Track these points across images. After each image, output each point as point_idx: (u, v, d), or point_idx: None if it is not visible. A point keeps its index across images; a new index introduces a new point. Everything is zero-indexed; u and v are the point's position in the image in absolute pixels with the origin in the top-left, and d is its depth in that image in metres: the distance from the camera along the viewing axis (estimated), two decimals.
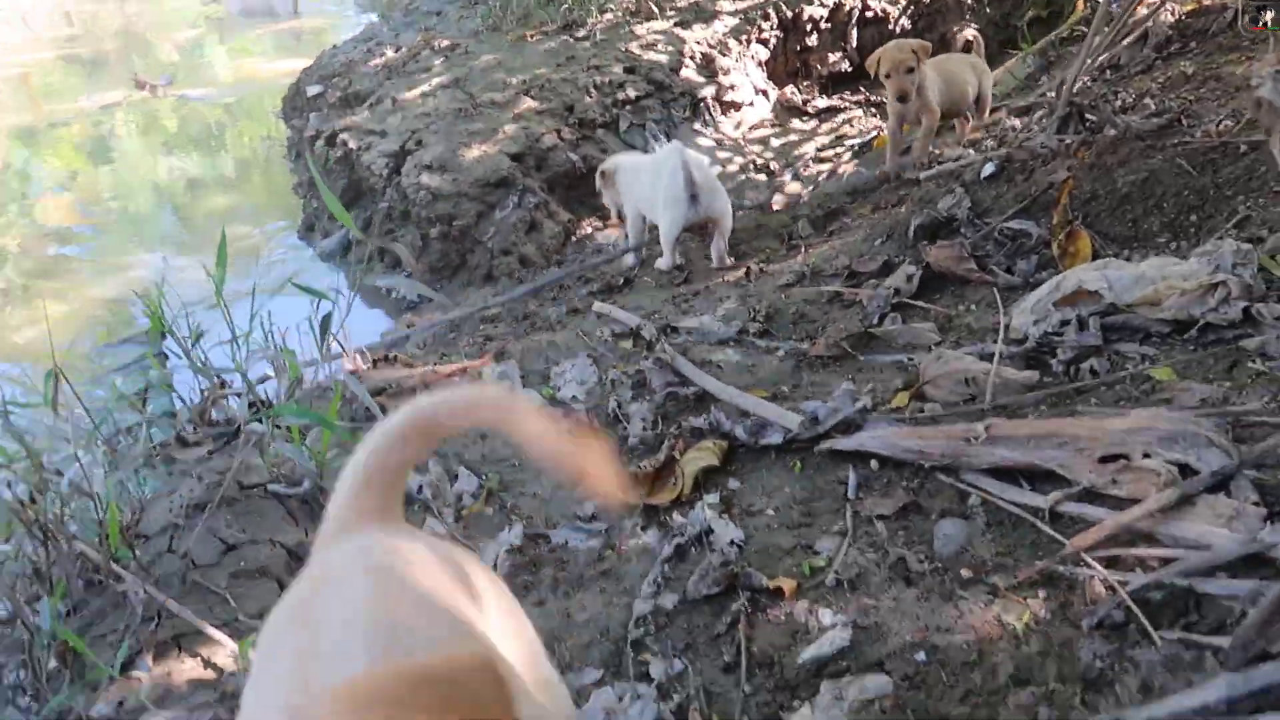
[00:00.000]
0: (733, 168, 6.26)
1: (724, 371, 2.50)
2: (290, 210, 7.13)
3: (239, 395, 2.42)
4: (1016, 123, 3.82)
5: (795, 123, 6.65)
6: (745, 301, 3.01)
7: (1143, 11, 4.09)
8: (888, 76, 4.04)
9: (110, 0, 14.91)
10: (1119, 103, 3.34)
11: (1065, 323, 2.12)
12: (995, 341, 2.18)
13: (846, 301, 2.75)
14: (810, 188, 5.87)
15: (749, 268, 3.36)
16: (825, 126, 6.56)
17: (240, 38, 13.35)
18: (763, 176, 6.17)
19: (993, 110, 4.70)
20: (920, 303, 2.58)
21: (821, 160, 6.21)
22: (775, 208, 5.75)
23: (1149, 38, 3.72)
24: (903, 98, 4.04)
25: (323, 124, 6.98)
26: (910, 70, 3.93)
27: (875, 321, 2.53)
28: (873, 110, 6.62)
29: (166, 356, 3.03)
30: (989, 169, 2.92)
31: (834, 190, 4.29)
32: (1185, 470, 1.53)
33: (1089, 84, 3.66)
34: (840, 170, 6.02)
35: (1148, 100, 3.21)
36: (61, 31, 13.85)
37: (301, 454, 1.99)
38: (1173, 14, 3.72)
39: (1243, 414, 1.61)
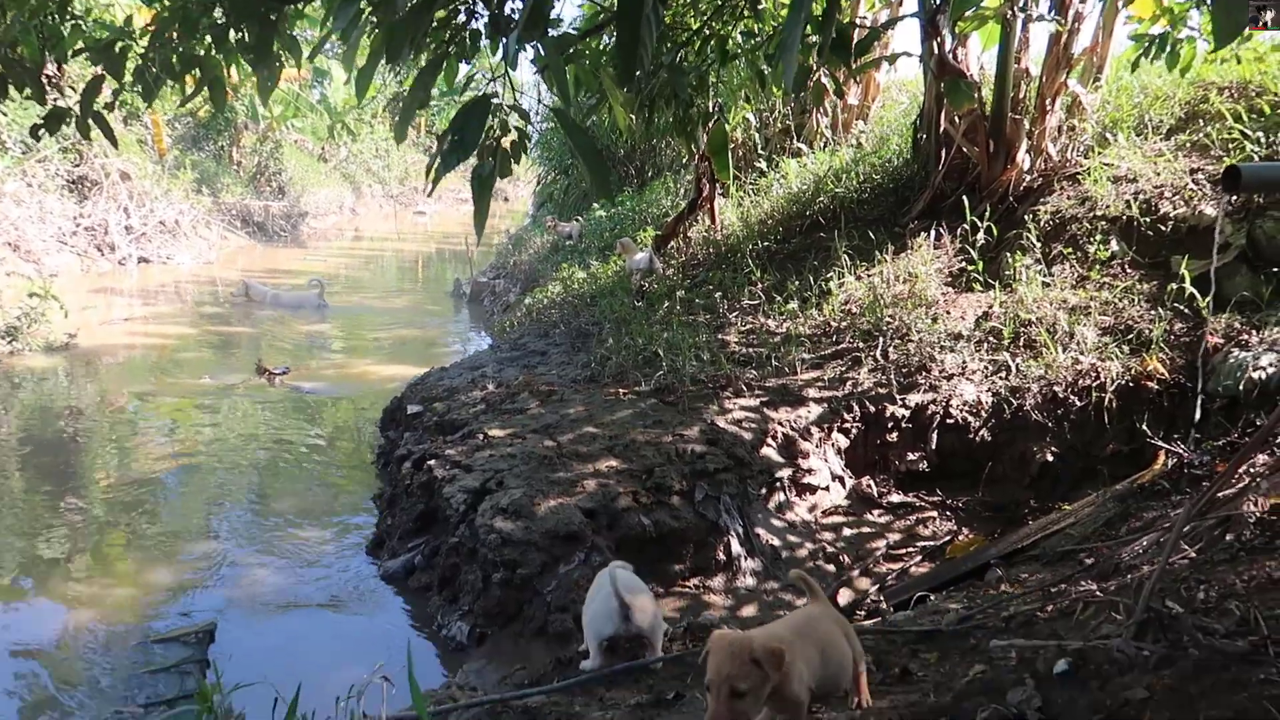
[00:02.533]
0: (802, 553, 6.24)
1: None
2: (366, 520, 7.31)
3: None
4: (1094, 588, 3.72)
5: (869, 514, 6.69)
6: None
7: (1228, 490, 4.10)
8: (707, 689, 2.57)
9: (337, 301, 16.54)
10: (1200, 597, 3.26)
11: None
12: None
13: None
14: (877, 586, 5.77)
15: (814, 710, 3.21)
16: (899, 523, 6.57)
17: (358, 337, 14.48)
18: (831, 567, 6.11)
19: (1065, 559, 4.66)
20: None
21: (894, 558, 6.16)
22: (840, 602, 5.64)
23: (1231, 524, 3.70)
24: None
25: (415, 445, 7.33)
26: (739, 695, 2.46)
27: None
28: (948, 513, 6.63)
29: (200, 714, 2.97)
30: (1062, 665, 2.82)
31: (901, 623, 4.18)
32: None
33: (1168, 567, 3.60)
34: (912, 570, 5.94)
35: (1231, 605, 3.12)
36: (207, 309, 15.29)
37: None
38: (1257, 505, 3.72)
39: None
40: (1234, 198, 7.03)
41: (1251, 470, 4.20)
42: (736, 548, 6.09)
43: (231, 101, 24.47)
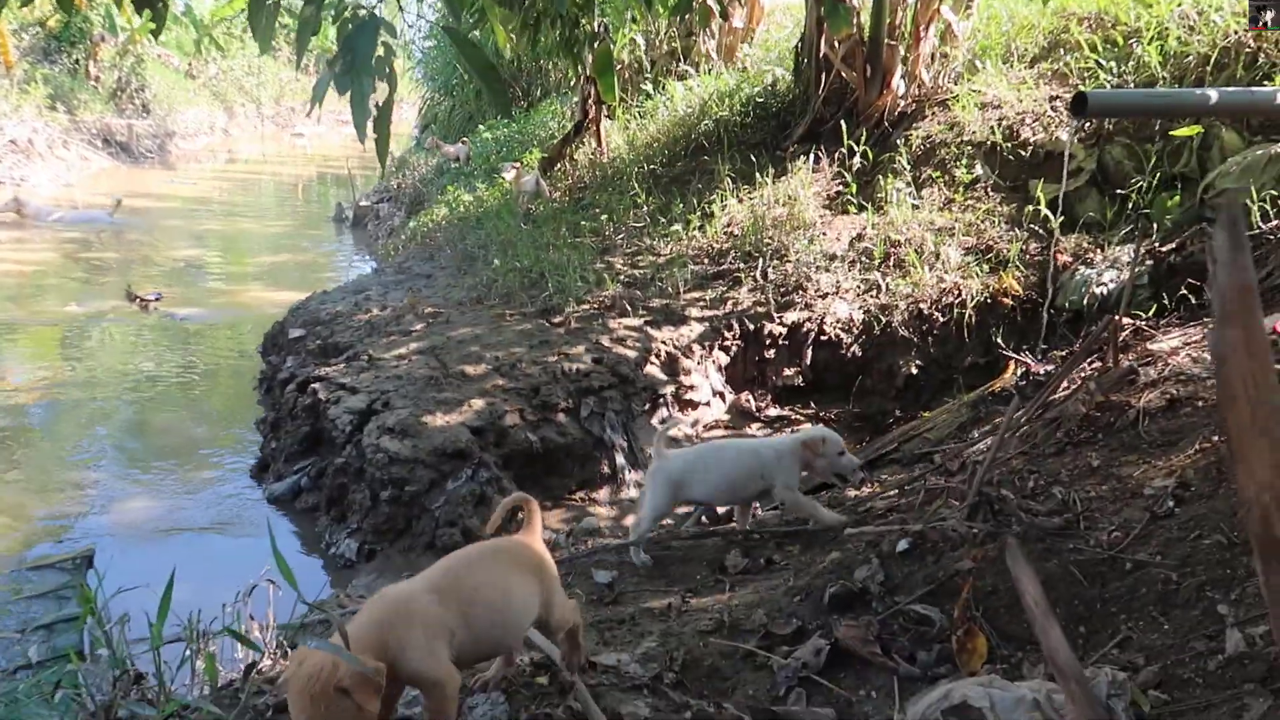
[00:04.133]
0: None
1: None
2: (249, 444, 7.24)
3: (151, 702, 2.41)
4: (941, 481, 4.08)
5: (748, 428, 7.00)
6: (666, 642, 3.09)
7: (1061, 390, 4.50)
8: None
9: (130, 213, 15.69)
10: (1030, 484, 3.62)
11: None
12: None
13: (759, 662, 2.85)
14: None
15: (672, 602, 3.46)
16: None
17: (237, 262, 14.01)
18: None
19: (921, 460, 5.06)
20: (825, 681, 2.68)
21: None
22: (719, 510, 5.95)
23: (1062, 423, 4.08)
24: None
25: (298, 369, 7.26)
26: None
27: (781, 694, 2.62)
28: (823, 424, 6.99)
29: (84, 656, 3.01)
30: (904, 544, 3.13)
31: (768, 521, 4.48)
32: None
33: (1005, 456, 3.96)
34: None
35: (1055, 489, 3.49)
36: (68, 234, 14.47)
37: None
38: (1084, 404, 4.11)
39: None
40: (1084, 123, 7.46)
41: (1082, 375, 4.60)
42: (621, 461, 6.32)
43: (84, 10, 22.78)
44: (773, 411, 7.17)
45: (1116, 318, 4.48)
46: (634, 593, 3.74)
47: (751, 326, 7.24)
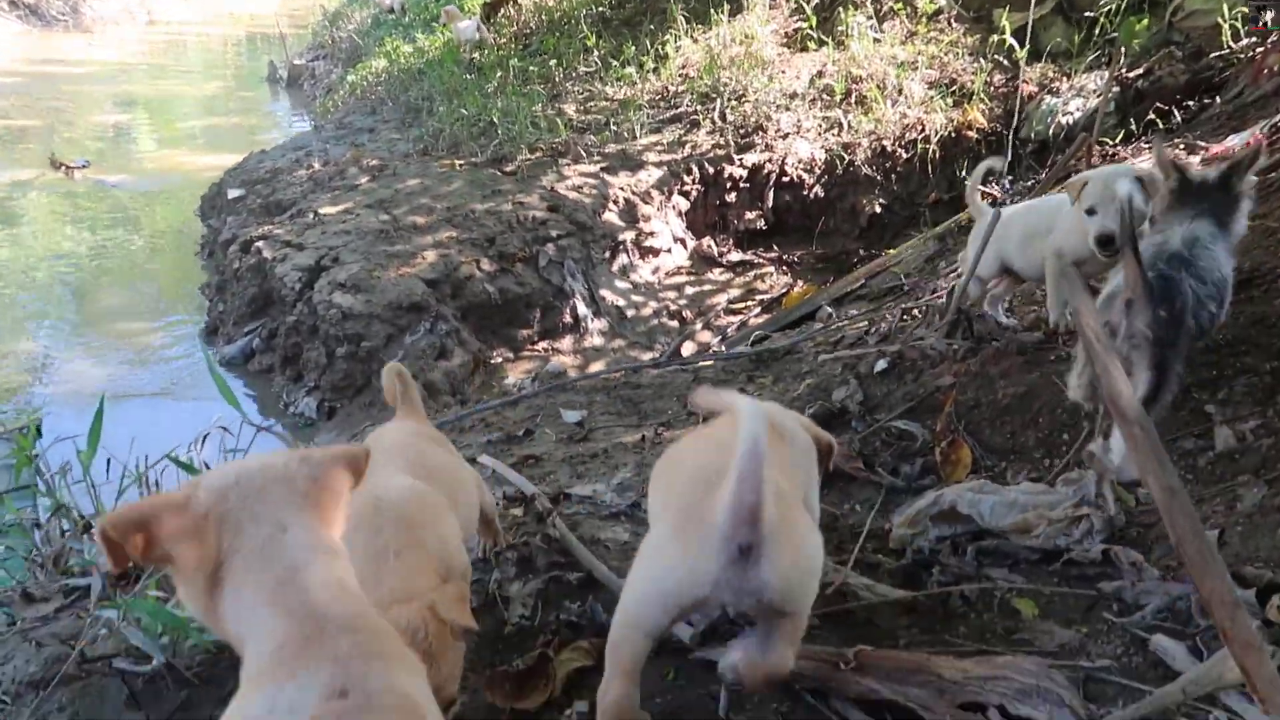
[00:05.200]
0: (646, 311, 6.40)
1: (611, 553, 2.49)
2: (196, 310, 6.98)
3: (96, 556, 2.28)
4: (917, 312, 3.99)
5: (710, 273, 6.87)
6: (641, 472, 3.03)
7: None
8: None
9: (46, 79, 14.69)
10: (1006, 304, 3.55)
11: (942, 539, 2.20)
12: (874, 551, 2.23)
13: None
14: (719, 338, 6.02)
15: (645, 434, 3.39)
16: (739, 280, 6.79)
17: (166, 127, 13.27)
18: (675, 323, 6.31)
19: (889, 295, 4.97)
20: None
21: (733, 312, 6.40)
22: (683, 354, 5.87)
23: None
24: None
25: (240, 229, 6.93)
26: None
27: None
28: (784, 268, 6.88)
29: (35, 491, 2.86)
30: (882, 364, 3.05)
31: (740, 354, 4.38)
32: None
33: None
34: (750, 323, 6.21)
35: (1033, 308, 3.42)
36: None
37: (153, 641, 1.88)
38: None
39: (1094, 671, 1.67)
40: None
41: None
42: (583, 309, 6.17)
43: None
44: (735, 256, 7.03)
45: (1090, 136, 4.34)
46: (605, 429, 3.66)
47: (711, 170, 7.01)
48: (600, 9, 9.80)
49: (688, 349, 5.97)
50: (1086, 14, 6.96)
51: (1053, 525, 2.11)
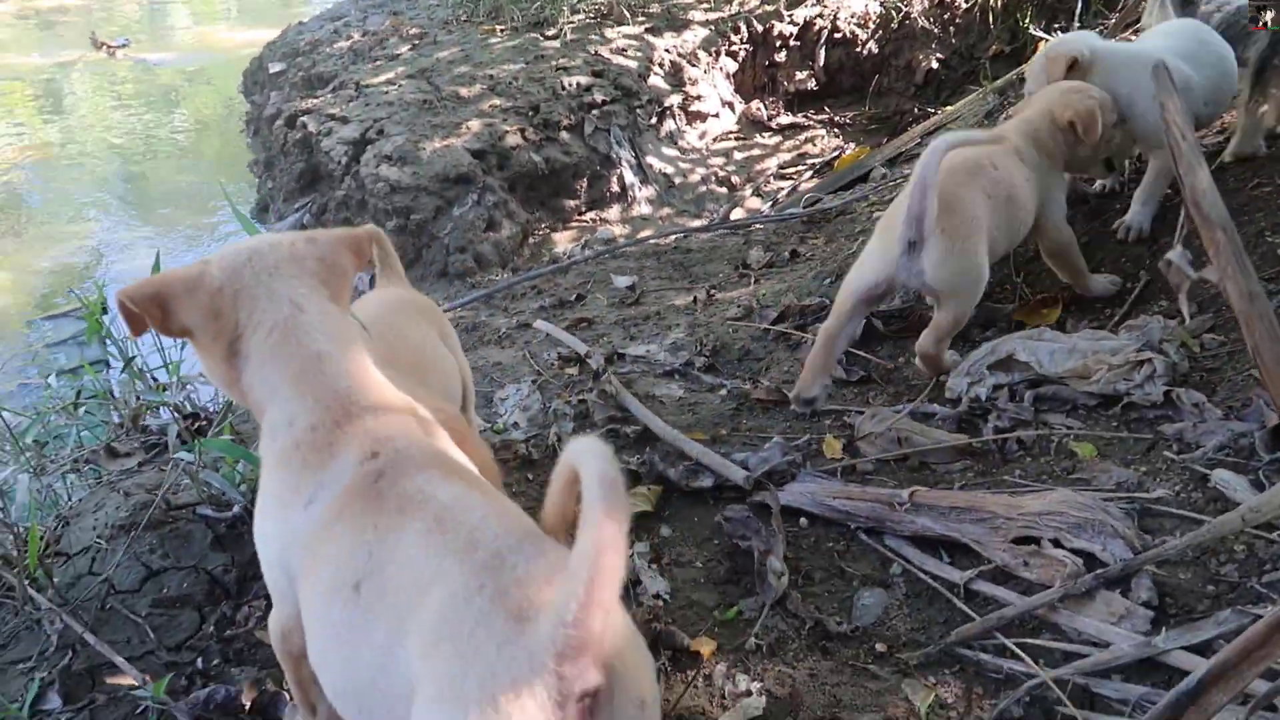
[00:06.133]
0: (694, 178, 6.29)
1: (666, 408, 2.52)
2: (246, 186, 7.02)
3: (171, 408, 2.37)
4: None
5: (759, 137, 6.70)
6: (694, 332, 3.04)
7: None
8: None
9: None
10: None
11: (999, 387, 2.18)
12: (930, 400, 2.23)
13: (792, 342, 2.79)
14: (770, 204, 5.91)
15: (697, 296, 3.38)
16: (788, 143, 6.62)
17: (201, 2, 13.06)
18: (723, 190, 6.20)
19: None
20: (862, 352, 2.63)
21: (783, 177, 6.26)
22: (732, 219, 5.79)
23: None
24: None
25: (283, 104, 6.87)
26: None
27: None
28: (836, 130, 6.68)
29: (107, 364, 2.96)
30: None
31: (791, 215, 4.31)
32: (1091, 559, 1.59)
33: None
34: (800, 188, 6.08)
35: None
36: None
37: (231, 483, 1.97)
38: None
39: (1153, 502, 1.67)
40: None
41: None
42: (630, 177, 6.08)
43: None
44: (784, 119, 6.83)
45: None
46: (656, 293, 3.66)
47: (760, 27, 6.74)
48: None
49: (737, 214, 5.88)
50: None
51: (1113, 371, 2.09)
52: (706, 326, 3.05)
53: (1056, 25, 5.89)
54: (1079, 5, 6.02)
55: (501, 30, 6.93)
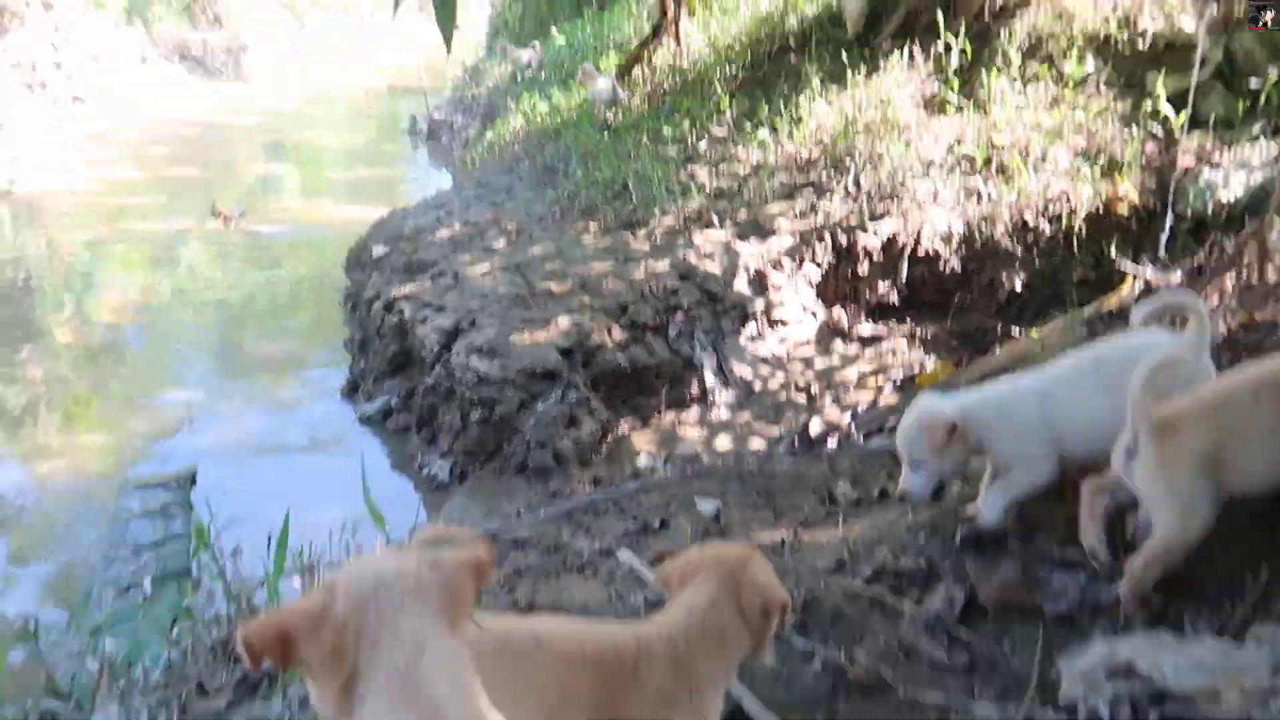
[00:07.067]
0: (774, 385, 6.34)
1: (756, 678, 2.44)
2: (337, 362, 7.28)
3: None
4: None
5: (840, 346, 6.76)
6: (783, 580, 2.96)
7: None
8: None
9: (208, 128, 15.79)
10: None
11: (1119, 700, 2.07)
12: (1043, 703, 2.12)
13: (887, 609, 2.71)
14: (849, 416, 5.89)
15: (784, 537, 3.33)
16: (869, 353, 6.67)
17: (315, 177, 14.01)
18: (803, 398, 6.23)
19: None
20: (963, 631, 2.53)
21: (863, 388, 6.27)
22: (812, 432, 5.77)
23: None
24: None
25: (383, 286, 7.21)
26: None
27: (915, 643, 2.48)
28: (917, 344, 6.72)
29: (199, 582, 3.01)
30: None
31: (878, 447, 4.29)
32: None
33: None
34: (882, 402, 6.07)
35: None
36: (151, 151, 14.61)
37: None
38: (1226, 323, 3.79)
39: None
40: (1213, 9, 6.82)
41: (1220, 291, 4.26)
42: (711, 381, 6.17)
43: None
44: (866, 329, 6.91)
45: (1268, 218, 4.09)
46: (741, 522, 3.62)
47: (843, 239, 6.92)
48: (734, 69, 9.88)
49: (815, 426, 5.87)
50: (1251, 83, 6.62)
51: (1244, 695, 1.96)
52: (796, 575, 2.98)
53: (1144, 258, 5.93)
54: (1164, 236, 6.10)
55: (595, 229, 7.24)
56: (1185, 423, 2.27)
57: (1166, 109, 6.69)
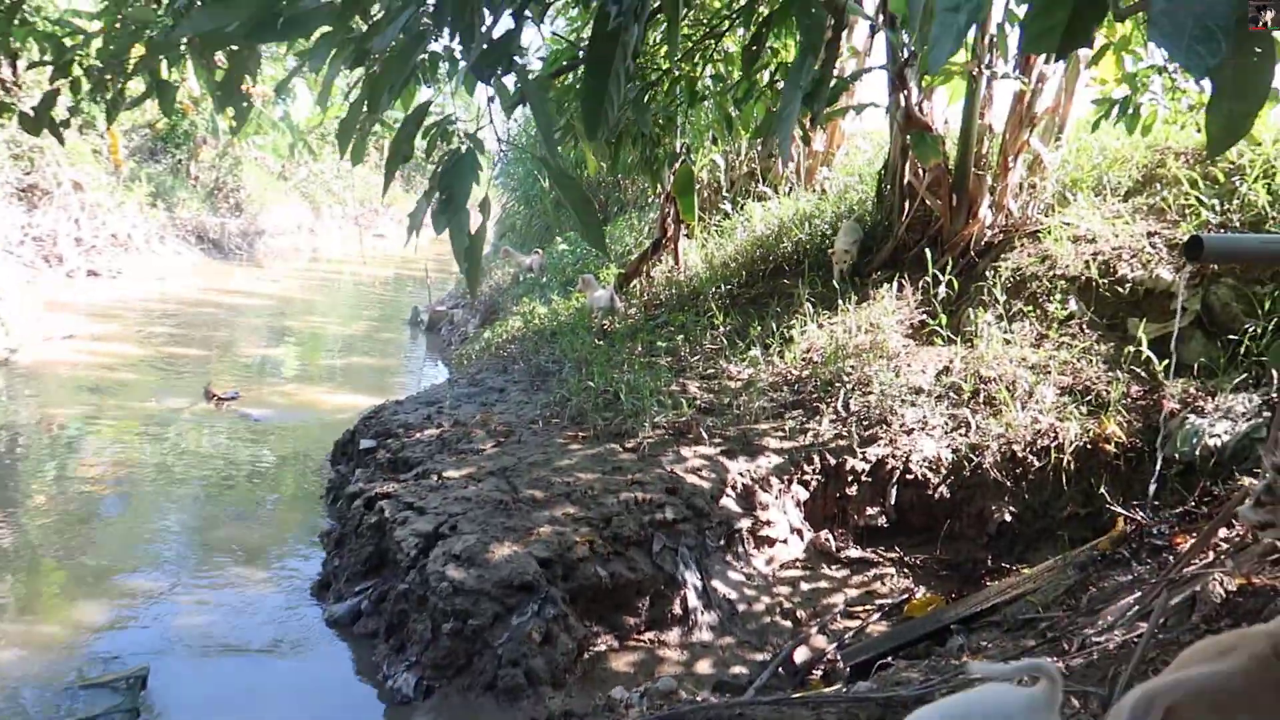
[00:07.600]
0: (759, 607, 6.15)
1: None
2: (310, 557, 7.08)
3: None
4: (1060, 664, 3.67)
5: (827, 569, 6.62)
6: None
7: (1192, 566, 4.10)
8: None
9: (214, 308, 16.17)
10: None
11: None
12: None
13: None
14: (835, 644, 5.68)
15: None
16: (856, 578, 6.51)
17: (312, 362, 14.19)
18: (788, 623, 6.02)
19: (1025, 627, 4.62)
20: None
21: (851, 615, 6.08)
22: (796, 660, 5.54)
23: (1196, 605, 3.68)
24: None
25: (366, 483, 7.13)
26: None
27: None
28: (906, 570, 6.58)
29: None
30: None
31: (865, 698, 4.09)
32: None
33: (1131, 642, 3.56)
34: (869, 629, 5.87)
35: None
36: (156, 329, 14.87)
37: None
38: (1222, 585, 3.70)
39: None
40: (1196, 266, 7.15)
41: (1214, 546, 4.20)
42: (693, 600, 5.98)
43: (191, 115, 24.03)
44: (854, 553, 6.79)
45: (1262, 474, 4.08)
46: None
47: (833, 461, 6.93)
48: (729, 287, 10.24)
49: (800, 654, 5.65)
50: (1228, 333, 6.84)
51: None
52: None
53: (1133, 499, 5.91)
54: (1154, 481, 6.09)
55: (583, 437, 7.25)
56: None
57: (1148, 353, 6.86)
